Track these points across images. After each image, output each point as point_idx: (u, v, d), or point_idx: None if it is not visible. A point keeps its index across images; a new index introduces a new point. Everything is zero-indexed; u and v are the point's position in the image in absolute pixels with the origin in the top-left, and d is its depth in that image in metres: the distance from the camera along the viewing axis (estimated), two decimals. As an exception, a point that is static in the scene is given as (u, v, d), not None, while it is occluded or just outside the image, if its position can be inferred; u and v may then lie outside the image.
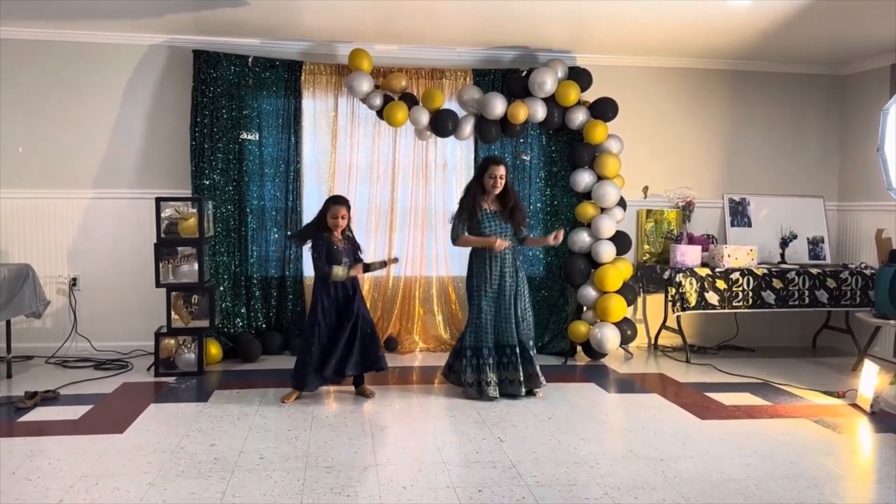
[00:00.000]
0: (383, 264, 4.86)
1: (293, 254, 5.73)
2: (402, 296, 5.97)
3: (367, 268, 4.64)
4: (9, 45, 5.51)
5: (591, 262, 5.78)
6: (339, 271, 4.37)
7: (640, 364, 5.71)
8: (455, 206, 4.75)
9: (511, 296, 4.56)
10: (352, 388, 4.65)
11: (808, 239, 6.41)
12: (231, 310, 5.68)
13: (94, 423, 4.01)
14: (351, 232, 4.62)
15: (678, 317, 5.80)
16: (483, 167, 4.62)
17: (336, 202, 4.51)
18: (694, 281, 5.64)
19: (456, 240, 4.62)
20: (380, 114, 5.65)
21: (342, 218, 4.45)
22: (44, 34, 5.51)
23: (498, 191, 4.57)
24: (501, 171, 4.55)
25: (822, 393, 4.79)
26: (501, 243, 4.50)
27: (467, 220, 4.57)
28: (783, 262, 6.12)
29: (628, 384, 5.12)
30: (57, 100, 5.62)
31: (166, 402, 4.46)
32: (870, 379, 4.39)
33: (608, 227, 5.69)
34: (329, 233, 4.46)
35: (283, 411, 4.25)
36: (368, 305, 5.91)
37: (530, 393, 4.61)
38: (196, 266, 5.13)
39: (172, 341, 5.12)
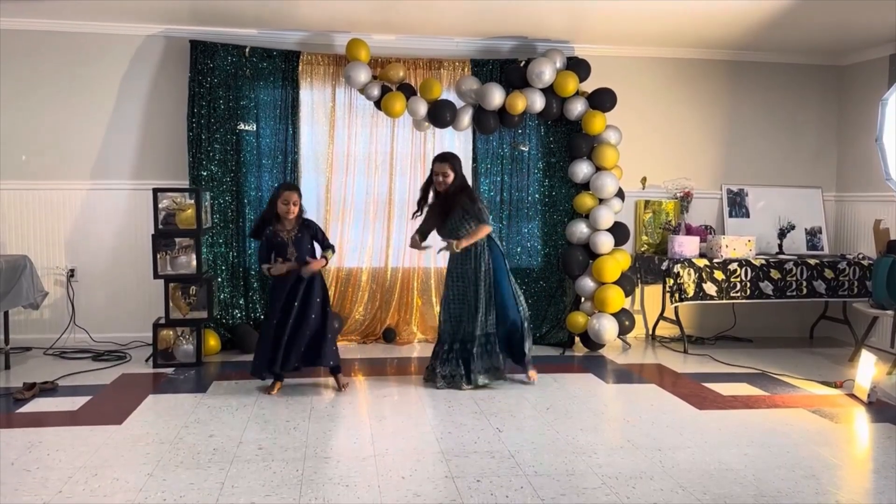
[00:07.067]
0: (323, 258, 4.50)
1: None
2: (400, 287, 5.97)
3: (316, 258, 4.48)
4: (4, 36, 5.47)
5: (590, 252, 5.78)
6: (267, 269, 4.37)
7: (638, 354, 5.72)
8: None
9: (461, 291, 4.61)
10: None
11: (805, 229, 6.41)
12: (229, 301, 5.68)
13: (92, 415, 4.02)
14: (307, 219, 4.49)
15: (676, 307, 5.81)
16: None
17: (287, 188, 4.43)
18: (692, 271, 5.65)
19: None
20: (378, 104, 5.63)
21: (293, 204, 4.35)
22: (39, 25, 5.47)
23: (442, 188, 4.54)
24: (444, 168, 4.52)
25: (820, 383, 4.81)
26: (415, 243, 4.60)
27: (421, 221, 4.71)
28: (781, 252, 6.13)
29: (626, 374, 5.13)
30: (53, 91, 5.59)
31: (165, 394, 4.46)
32: (867, 369, 4.40)
33: (606, 217, 5.69)
34: (276, 223, 4.38)
35: (281, 402, 4.25)
36: (366, 297, 5.95)
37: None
38: (194, 257, 5.13)
39: (171, 332, 5.11)
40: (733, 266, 5.70)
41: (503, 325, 4.64)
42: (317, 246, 4.55)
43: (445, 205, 4.56)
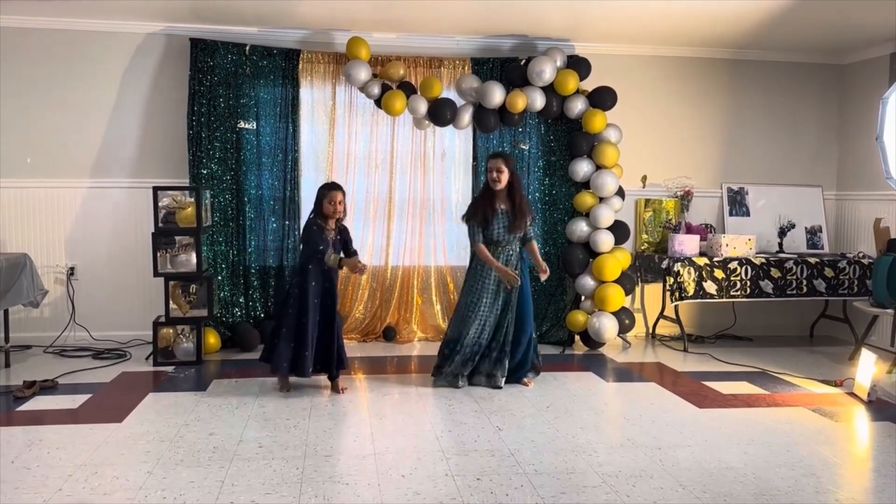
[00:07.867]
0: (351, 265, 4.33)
1: (291, 243, 5.72)
2: (400, 285, 5.97)
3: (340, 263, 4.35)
4: (4, 34, 5.47)
5: (590, 251, 5.78)
6: (331, 257, 4.26)
7: (638, 353, 5.72)
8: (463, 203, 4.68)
9: (503, 300, 4.57)
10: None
11: (806, 228, 6.41)
12: (229, 299, 5.68)
13: (92, 413, 4.01)
14: (343, 224, 4.47)
15: (676, 306, 5.81)
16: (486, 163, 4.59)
17: (333, 187, 4.36)
18: (692, 270, 5.65)
19: (474, 245, 4.54)
20: (378, 103, 5.63)
21: (340, 203, 4.30)
22: (40, 22, 5.47)
23: (499, 186, 4.47)
24: (498, 164, 4.47)
25: (820, 382, 4.81)
26: (514, 279, 4.45)
27: (482, 221, 4.50)
28: (781, 251, 6.12)
29: (626, 373, 5.13)
30: (53, 88, 5.58)
31: (165, 392, 4.46)
32: (867, 368, 4.40)
33: (606, 216, 5.69)
34: (324, 220, 4.33)
35: (281, 400, 4.25)
36: (366, 295, 5.97)
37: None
38: (194, 255, 5.13)
39: (171, 331, 5.11)
40: (733, 265, 5.70)
41: (524, 334, 4.62)
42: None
43: (514, 203, 4.50)
